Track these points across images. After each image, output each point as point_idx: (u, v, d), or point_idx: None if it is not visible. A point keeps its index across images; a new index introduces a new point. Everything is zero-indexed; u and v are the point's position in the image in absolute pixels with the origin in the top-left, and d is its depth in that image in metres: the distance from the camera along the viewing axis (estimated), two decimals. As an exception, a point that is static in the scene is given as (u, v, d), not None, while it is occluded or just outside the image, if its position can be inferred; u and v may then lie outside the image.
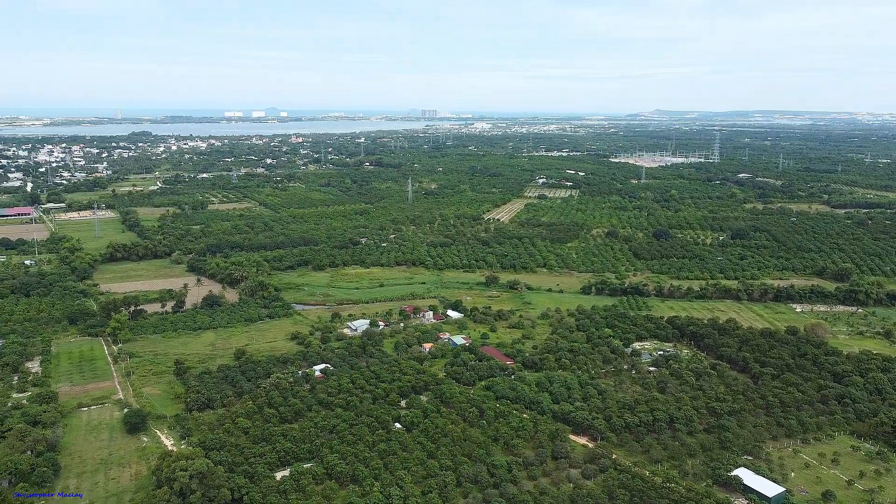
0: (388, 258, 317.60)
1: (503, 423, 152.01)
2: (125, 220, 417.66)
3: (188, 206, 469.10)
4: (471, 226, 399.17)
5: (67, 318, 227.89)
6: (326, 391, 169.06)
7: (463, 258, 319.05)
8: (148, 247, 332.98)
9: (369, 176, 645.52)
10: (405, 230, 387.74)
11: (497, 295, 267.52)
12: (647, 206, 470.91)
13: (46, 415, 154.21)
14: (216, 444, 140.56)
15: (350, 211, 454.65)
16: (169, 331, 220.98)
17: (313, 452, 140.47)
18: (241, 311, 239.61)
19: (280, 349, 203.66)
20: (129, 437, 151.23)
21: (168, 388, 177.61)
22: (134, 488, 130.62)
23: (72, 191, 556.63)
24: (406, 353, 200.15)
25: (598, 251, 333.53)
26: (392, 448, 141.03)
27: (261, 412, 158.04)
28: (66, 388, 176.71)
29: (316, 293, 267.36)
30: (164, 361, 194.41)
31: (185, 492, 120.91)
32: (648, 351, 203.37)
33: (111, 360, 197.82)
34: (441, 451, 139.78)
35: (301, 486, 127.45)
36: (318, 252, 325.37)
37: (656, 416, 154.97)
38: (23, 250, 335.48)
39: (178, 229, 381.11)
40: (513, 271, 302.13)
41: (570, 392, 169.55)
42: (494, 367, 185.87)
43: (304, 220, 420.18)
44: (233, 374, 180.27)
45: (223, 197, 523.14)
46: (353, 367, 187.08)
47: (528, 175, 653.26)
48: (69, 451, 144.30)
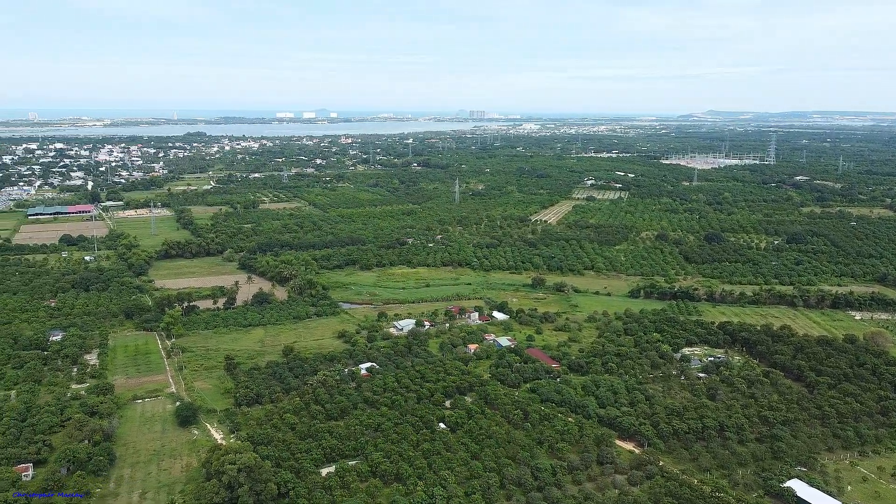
0: (434, 258, 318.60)
1: (548, 426, 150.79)
2: (180, 218, 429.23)
3: (240, 205, 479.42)
4: (517, 227, 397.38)
5: (124, 313, 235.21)
6: (372, 389, 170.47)
7: (509, 259, 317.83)
8: (201, 244, 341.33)
9: (417, 176, 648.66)
10: (452, 231, 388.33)
11: (543, 297, 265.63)
12: (698, 208, 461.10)
13: (103, 406, 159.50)
14: (264, 439, 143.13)
15: (397, 211, 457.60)
16: (220, 327, 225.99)
17: (358, 450, 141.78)
18: (290, 308, 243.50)
19: (327, 347, 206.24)
20: (181, 429, 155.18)
21: (218, 382, 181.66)
22: (185, 480, 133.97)
23: (129, 189, 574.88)
24: (451, 353, 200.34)
25: (647, 254, 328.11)
26: (436, 448, 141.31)
27: (307, 409, 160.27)
28: (122, 380, 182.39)
29: (363, 292, 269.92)
30: (215, 357, 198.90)
31: (234, 485, 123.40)
32: (698, 357, 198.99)
33: (165, 354, 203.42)
34: (485, 453, 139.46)
35: (346, 482, 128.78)
36: (365, 252, 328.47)
37: (706, 423, 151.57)
38: (83, 246, 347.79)
39: (231, 228, 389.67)
40: (559, 273, 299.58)
41: (616, 397, 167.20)
42: (539, 370, 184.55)
43: (352, 219, 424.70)
44: (281, 370, 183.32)
45: (274, 196, 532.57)
46: (398, 366, 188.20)
47: (577, 176, 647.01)
48: (124, 442, 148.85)
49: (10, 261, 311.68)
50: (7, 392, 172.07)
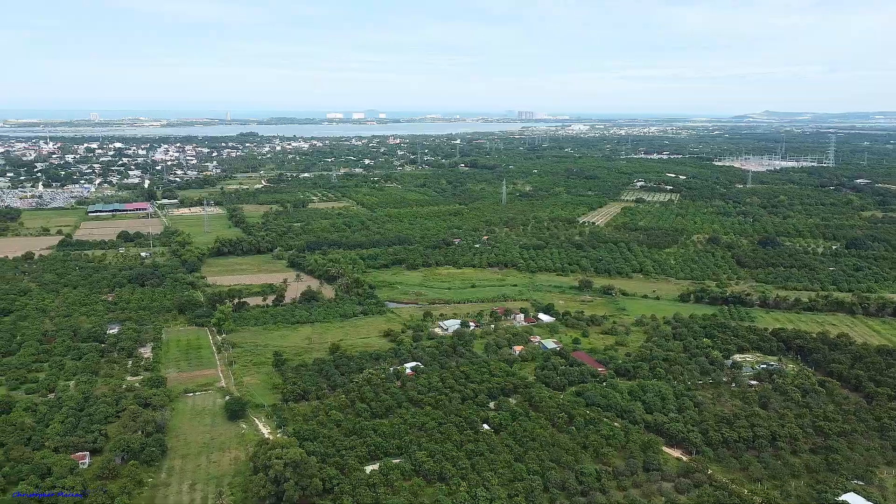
0: (480, 259, 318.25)
1: (593, 431, 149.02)
2: (231, 216, 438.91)
3: (290, 204, 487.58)
4: (565, 229, 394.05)
5: (177, 308, 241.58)
6: (416, 389, 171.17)
7: (556, 261, 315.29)
8: (252, 242, 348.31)
9: (464, 177, 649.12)
10: (498, 232, 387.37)
11: (590, 300, 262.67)
12: (752, 211, 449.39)
13: (156, 398, 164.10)
14: (310, 435, 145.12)
15: (444, 211, 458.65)
16: (269, 323, 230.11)
17: (402, 448, 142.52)
18: (337, 307, 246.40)
19: (373, 345, 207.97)
20: (230, 423, 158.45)
21: (266, 378, 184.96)
22: (233, 472, 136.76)
23: (184, 188, 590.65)
24: (496, 354, 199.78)
25: (698, 258, 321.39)
26: (479, 449, 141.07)
27: (353, 406, 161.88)
28: (174, 373, 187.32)
29: (409, 292, 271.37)
30: (263, 353, 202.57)
31: (280, 479, 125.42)
32: (750, 364, 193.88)
33: (215, 349, 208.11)
34: (529, 455, 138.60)
35: (389, 480, 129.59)
36: (411, 251, 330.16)
37: (757, 432, 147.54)
38: (139, 243, 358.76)
39: (280, 226, 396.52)
40: (607, 276, 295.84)
41: (664, 402, 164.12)
42: (585, 373, 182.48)
43: (400, 219, 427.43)
44: (327, 367, 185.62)
45: (323, 196, 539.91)
46: (443, 366, 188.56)
47: (626, 178, 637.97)
48: (175, 434, 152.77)
49: (71, 256, 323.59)
50: (66, 382, 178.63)
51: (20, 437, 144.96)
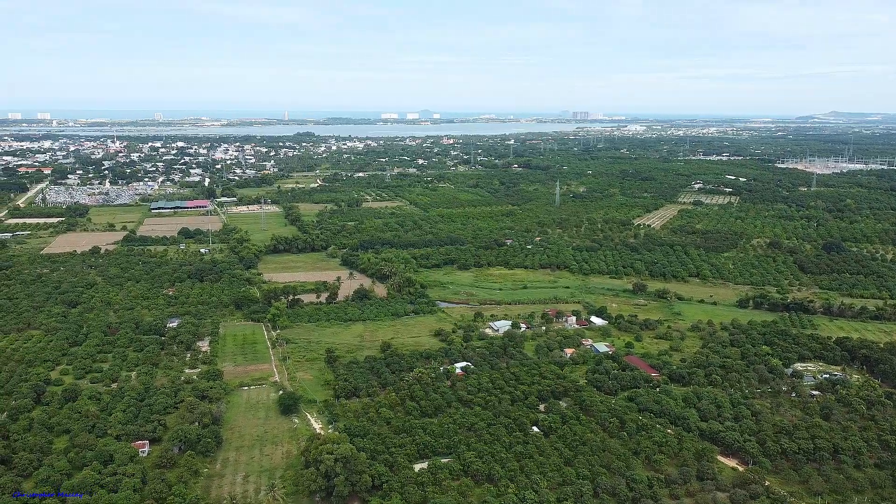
0: (532, 260, 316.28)
1: (645, 437, 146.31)
2: (287, 214, 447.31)
3: (344, 203, 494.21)
4: (619, 231, 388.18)
5: (234, 304, 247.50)
6: (466, 389, 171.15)
7: (609, 264, 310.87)
8: (306, 240, 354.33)
9: (517, 178, 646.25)
10: (551, 233, 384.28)
11: (644, 303, 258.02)
12: (817, 215, 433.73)
13: (213, 391, 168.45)
14: (360, 432, 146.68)
15: (497, 212, 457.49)
16: (322, 320, 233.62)
17: (451, 448, 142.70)
18: (389, 305, 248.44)
19: (423, 344, 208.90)
20: (283, 417, 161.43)
21: (319, 374, 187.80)
22: (284, 466, 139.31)
23: (242, 186, 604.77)
24: (547, 356, 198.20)
25: (758, 262, 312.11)
26: (529, 451, 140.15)
27: (403, 404, 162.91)
28: (230, 367, 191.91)
29: (460, 292, 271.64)
30: (316, 349, 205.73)
31: (330, 474, 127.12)
32: (812, 373, 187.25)
33: (270, 344, 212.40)
34: (578, 460, 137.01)
35: (438, 479, 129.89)
36: (463, 251, 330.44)
37: (818, 444, 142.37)
38: (199, 239, 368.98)
39: (335, 225, 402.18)
40: (662, 280, 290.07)
41: (720, 410, 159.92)
42: (638, 378, 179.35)
43: (452, 219, 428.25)
44: (378, 365, 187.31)
45: (376, 195, 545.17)
46: (493, 366, 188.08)
47: (684, 180, 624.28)
48: (230, 426, 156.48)
49: (134, 251, 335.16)
50: (128, 373, 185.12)
51: (85, 424, 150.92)
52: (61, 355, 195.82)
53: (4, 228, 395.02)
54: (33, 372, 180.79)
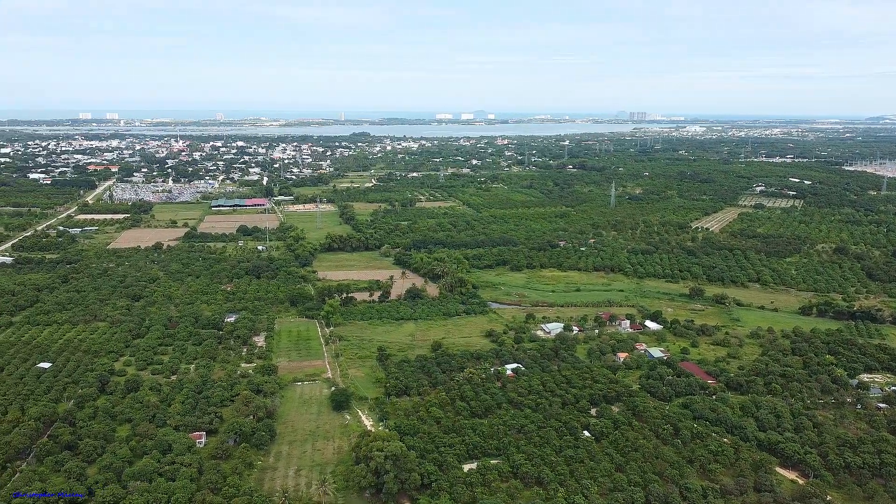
0: (586, 262, 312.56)
1: (700, 445, 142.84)
2: (342, 213, 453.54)
3: (398, 202, 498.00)
4: (676, 234, 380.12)
5: (289, 300, 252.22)
6: (517, 390, 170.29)
7: (665, 267, 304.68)
8: (360, 239, 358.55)
9: (572, 179, 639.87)
10: (605, 235, 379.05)
11: (701, 309, 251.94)
12: (887, 220, 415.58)
13: (267, 385, 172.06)
14: (410, 430, 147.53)
15: (550, 213, 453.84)
16: (374, 319, 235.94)
17: (500, 450, 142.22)
18: (441, 305, 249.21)
19: (474, 345, 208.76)
20: (335, 413, 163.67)
21: (370, 372, 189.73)
22: (335, 461, 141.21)
23: (299, 185, 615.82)
24: (599, 360, 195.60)
25: (822, 268, 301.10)
26: (579, 455, 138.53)
27: (453, 404, 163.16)
28: (285, 362, 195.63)
29: (512, 293, 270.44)
30: (368, 347, 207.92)
31: (380, 471, 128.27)
32: (879, 385, 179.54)
33: (323, 341, 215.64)
34: (630, 466, 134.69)
35: (487, 480, 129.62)
36: (516, 252, 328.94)
37: (884, 459, 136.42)
38: (257, 237, 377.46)
39: (388, 224, 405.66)
40: (720, 284, 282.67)
41: (779, 420, 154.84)
42: (694, 385, 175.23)
43: (505, 220, 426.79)
44: (429, 364, 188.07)
45: (430, 195, 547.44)
46: (544, 369, 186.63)
47: (745, 182, 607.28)
48: (283, 421, 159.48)
49: (195, 247, 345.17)
50: (187, 366, 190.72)
51: (146, 413, 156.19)
52: (125, 347, 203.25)
53: (74, 224, 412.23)
54: (98, 362, 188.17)
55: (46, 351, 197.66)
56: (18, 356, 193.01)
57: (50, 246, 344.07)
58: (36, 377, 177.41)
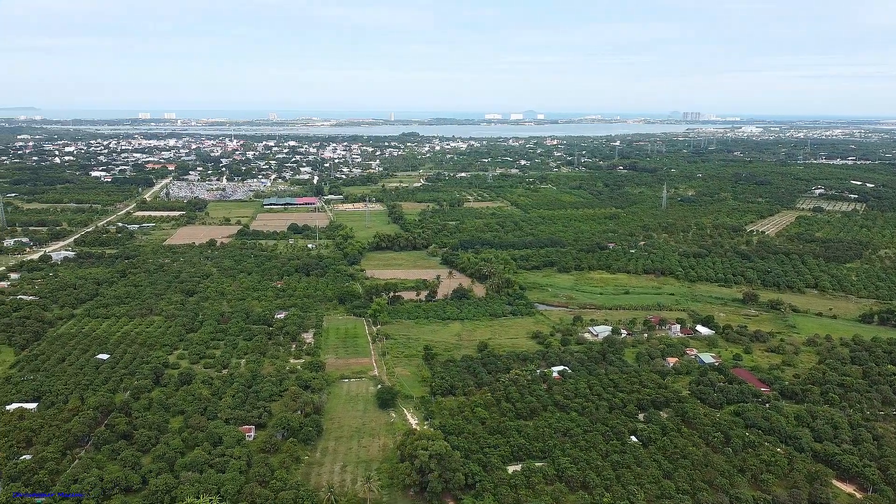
0: (635, 265, 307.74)
1: (752, 454, 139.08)
2: (391, 212, 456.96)
3: (446, 202, 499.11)
4: (730, 237, 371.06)
5: (337, 298, 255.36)
6: (563, 393, 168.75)
7: (718, 271, 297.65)
8: (408, 239, 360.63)
9: (622, 180, 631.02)
10: (656, 237, 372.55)
11: (755, 314, 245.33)
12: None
13: (315, 381, 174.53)
14: (455, 430, 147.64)
15: (599, 215, 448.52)
16: (421, 318, 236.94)
17: (545, 452, 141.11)
18: (487, 305, 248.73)
19: (520, 346, 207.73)
20: (380, 411, 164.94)
21: (416, 370, 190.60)
22: (380, 458, 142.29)
23: (349, 184, 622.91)
24: (648, 365, 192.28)
25: (885, 275, 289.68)
26: (626, 461, 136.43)
27: (498, 405, 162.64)
28: (332, 359, 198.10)
29: (559, 295, 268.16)
30: (414, 346, 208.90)
31: (425, 470, 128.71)
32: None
33: (370, 339, 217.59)
34: (678, 473, 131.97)
35: (531, 483, 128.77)
36: (564, 254, 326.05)
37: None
38: (307, 235, 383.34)
39: (436, 224, 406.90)
40: (776, 290, 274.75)
41: (836, 432, 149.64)
42: (746, 392, 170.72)
43: (553, 221, 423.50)
44: (475, 365, 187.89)
45: (478, 195, 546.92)
46: (591, 372, 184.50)
47: (803, 185, 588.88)
48: (330, 417, 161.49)
49: (247, 244, 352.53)
50: (238, 360, 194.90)
51: (198, 406, 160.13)
52: (179, 340, 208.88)
53: (132, 220, 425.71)
54: (154, 355, 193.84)
55: (105, 343, 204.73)
56: (79, 347, 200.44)
57: (110, 241, 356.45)
58: (95, 368, 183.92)
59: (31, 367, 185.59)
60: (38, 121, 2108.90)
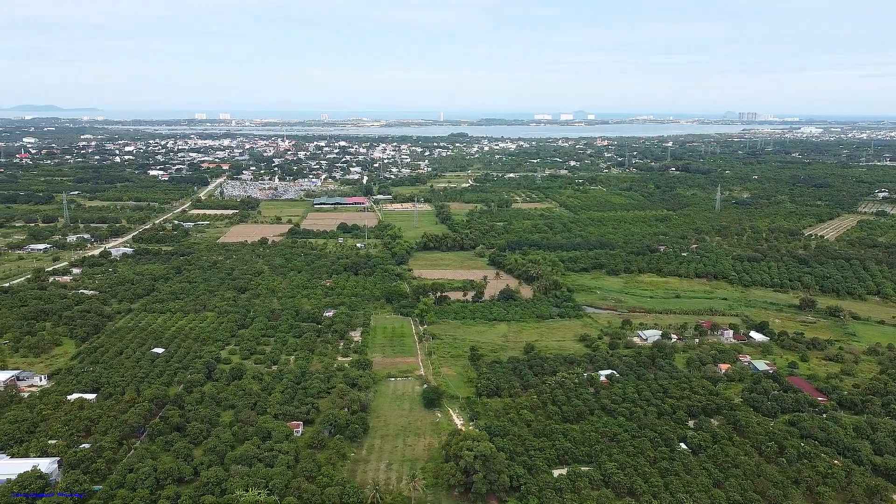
0: (687, 269, 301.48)
1: (807, 466, 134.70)
2: (439, 213, 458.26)
3: (494, 203, 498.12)
4: (786, 241, 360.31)
5: (385, 297, 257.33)
6: (610, 397, 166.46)
7: (774, 276, 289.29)
8: (456, 239, 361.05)
9: (674, 181, 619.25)
10: (709, 240, 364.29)
11: (812, 321, 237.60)
12: None
13: (362, 379, 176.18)
14: (500, 431, 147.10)
15: (650, 217, 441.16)
16: (467, 318, 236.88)
17: (592, 457, 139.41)
18: (534, 307, 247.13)
19: (567, 349, 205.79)
20: (426, 410, 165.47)
21: (462, 371, 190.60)
22: (426, 458, 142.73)
23: (397, 185, 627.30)
24: (699, 370, 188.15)
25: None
26: (675, 468, 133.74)
27: (544, 408, 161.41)
28: (379, 358, 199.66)
29: (608, 297, 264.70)
30: (461, 346, 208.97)
31: (469, 470, 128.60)
32: None
33: (417, 338, 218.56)
34: (729, 483, 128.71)
35: (577, 487, 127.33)
36: (613, 256, 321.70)
37: None
38: (356, 234, 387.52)
39: (483, 225, 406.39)
40: (835, 296, 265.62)
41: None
42: (802, 402, 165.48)
43: (602, 223, 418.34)
44: (521, 367, 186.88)
45: (526, 196, 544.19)
46: (639, 377, 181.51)
47: (865, 188, 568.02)
48: (377, 415, 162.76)
49: (297, 243, 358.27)
50: (287, 357, 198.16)
51: (248, 401, 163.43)
52: (230, 336, 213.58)
53: (188, 218, 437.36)
54: (206, 350, 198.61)
55: (160, 337, 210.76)
56: (136, 341, 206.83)
57: (166, 238, 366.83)
58: (150, 361, 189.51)
59: (90, 359, 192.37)
60: (101, 121, 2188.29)
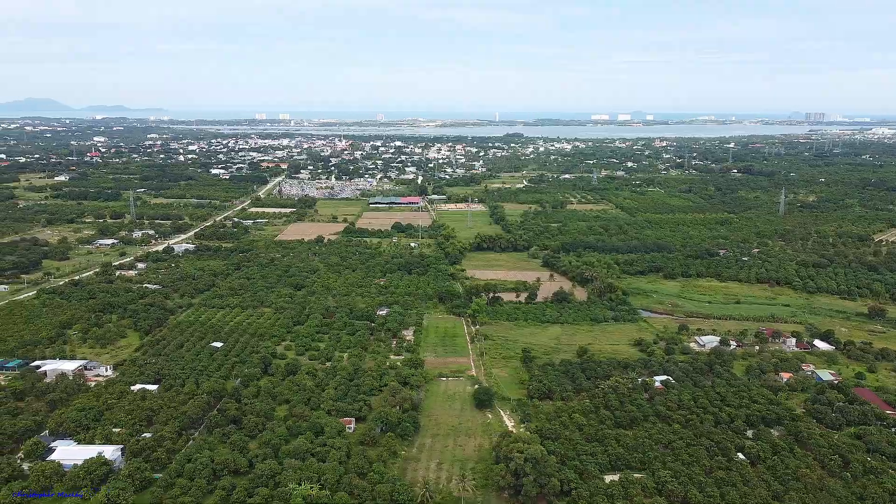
0: (748, 274, 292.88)
1: (873, 482, 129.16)
2: (493, 213, 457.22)
3: (548, 204, 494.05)
4: (855, 246, 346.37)
5: (438, 297, 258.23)
6: (665, 404, 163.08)
7: (840, 283, 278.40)
8: (509, 240, 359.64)
9: (735, 184, 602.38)
10: (771, 245, 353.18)
11: (882, 331, 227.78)
12: None
13: (414, 378, 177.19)
14: (551, 434, 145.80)
15: (710, 220, 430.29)
16: (520, 320, 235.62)
17: (645, 464, 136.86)
18: (588, 310, 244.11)
19: (622, 353, 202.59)
20: (477, 411, 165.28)
21: (514, 372, 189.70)
22: (476, 458, 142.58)
23: (452, 185, 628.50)
24: (759, 379, 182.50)
25: None
26: (731, 479, 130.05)
27: (597, 412, 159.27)
28: (431, 357, 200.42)
29: (664, 302, 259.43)
30: (513, 347, 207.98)
31: (519, 473, 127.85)
32: None
33: (469, 339, 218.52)
34: (789, 496, 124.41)
35: (629, 494, 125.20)
36: (670, 260, 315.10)
37: None
38: (410, 233, 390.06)
39: (538, 226, 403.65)
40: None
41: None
42: (869, 414, 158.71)
43: (660, 225, 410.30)
44: (574, 370, 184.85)
45: (582, 198, 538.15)
46: (696, 384, 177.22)
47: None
48: (427, 414, 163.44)
49: (352, 242, 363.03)
50: (341, 354, 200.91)
51: (302, 396, 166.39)
52: (286, 332, 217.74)
53: (247, 216, 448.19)
54: (263, 345, 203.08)
55: (219, 331, 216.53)
56: (196, 335, 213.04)
57: (226, 235, 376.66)
58: (209, 355, 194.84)
59: (153, 351, 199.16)
60: (166, 121, 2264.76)
